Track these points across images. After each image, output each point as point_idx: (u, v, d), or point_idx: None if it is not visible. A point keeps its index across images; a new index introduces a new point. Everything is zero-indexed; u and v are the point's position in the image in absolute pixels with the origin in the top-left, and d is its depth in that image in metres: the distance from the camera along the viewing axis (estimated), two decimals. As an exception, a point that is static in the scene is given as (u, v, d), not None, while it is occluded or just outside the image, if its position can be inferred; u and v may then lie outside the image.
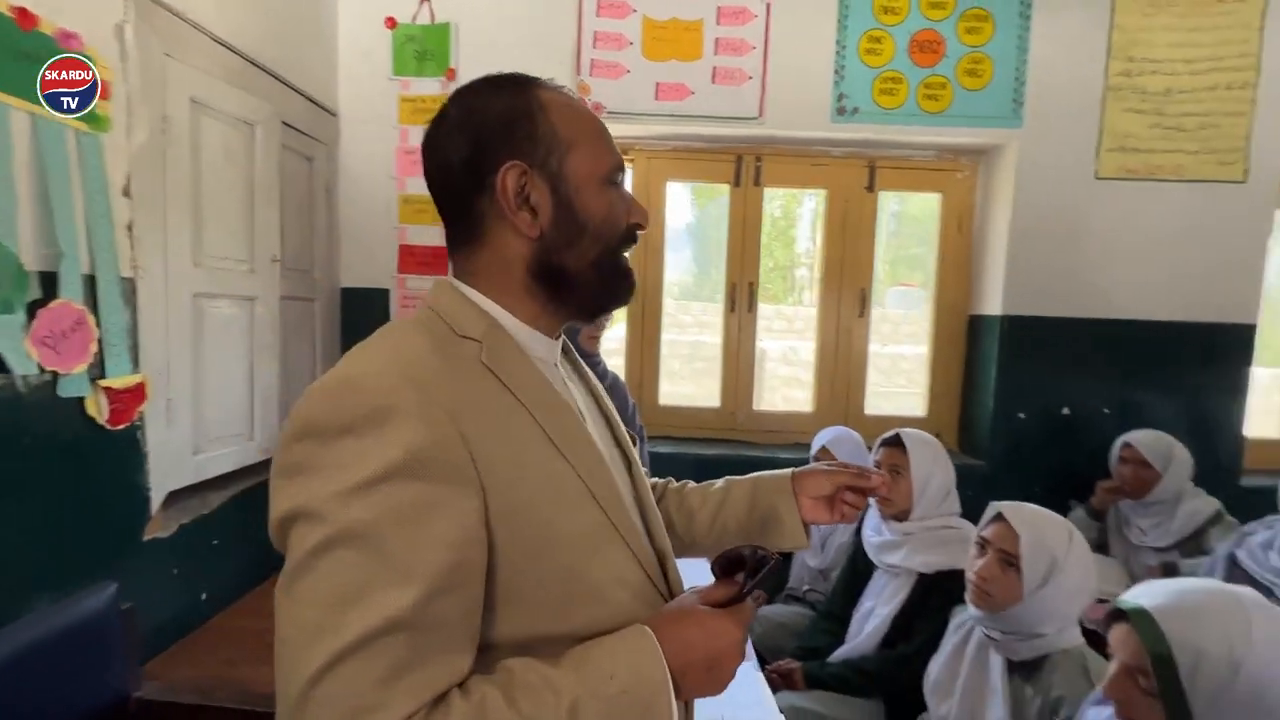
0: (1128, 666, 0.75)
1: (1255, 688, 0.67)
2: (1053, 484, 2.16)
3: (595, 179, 0.60)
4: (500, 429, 0.53)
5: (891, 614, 1.52)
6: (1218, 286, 2.10)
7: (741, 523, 0.79)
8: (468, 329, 0.57)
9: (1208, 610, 0.72)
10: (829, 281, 2.34)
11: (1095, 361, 2.15)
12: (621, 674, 0.49)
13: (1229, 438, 2.17)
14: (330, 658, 0.42)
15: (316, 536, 0.45)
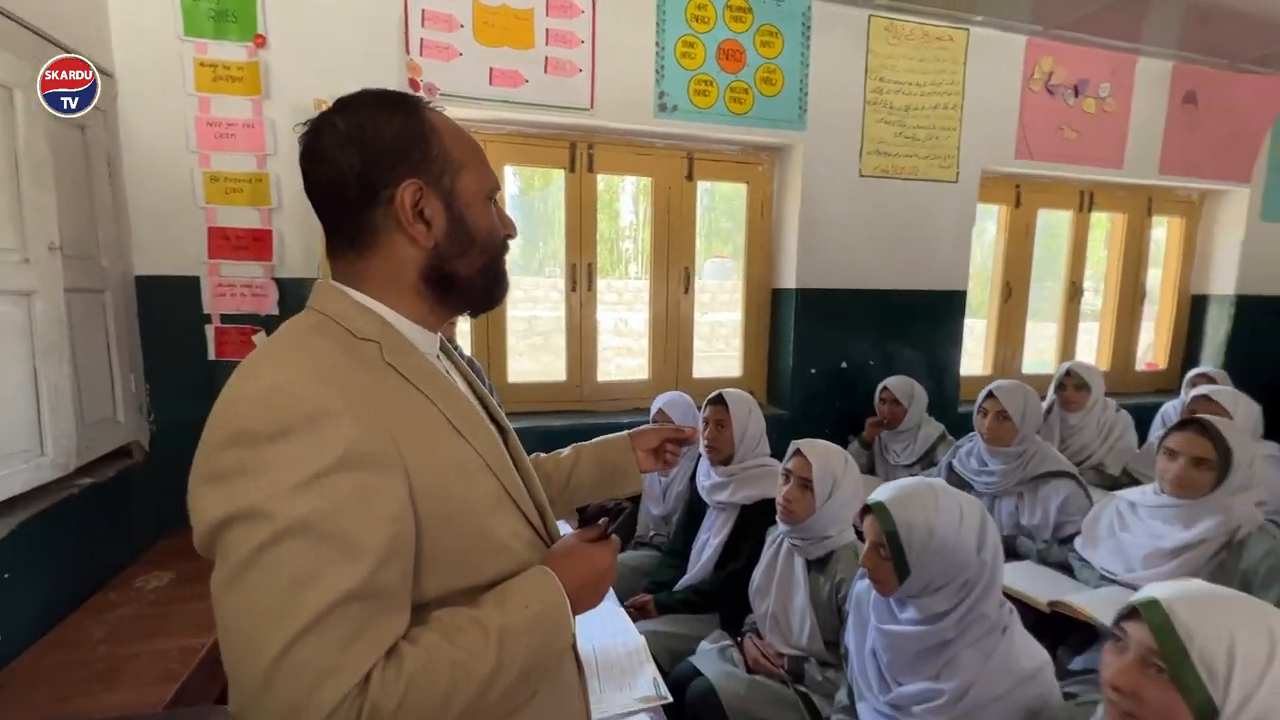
0: (874, 543, 1.07)
1: (941, 542, 1.03)
2: (838, 424, 2.68)
3: (481, 196, 0.69)
4: (411, 419, 0.61)
5: (721, 542, 1.83)
6: (940, 262, 2.74)
7: (594, 477, 0.96)
8: (364, 331, 0.63)
9: (913, 495, 1.07)
10: (657, 261, 2.59)
11: (864, 324, 2.69)
12: (533, 603, 0.63)
13: (950, 377, 2.87)
14: (294, 634, 0.49)
15: (264, 533, 0.50)
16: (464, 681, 0.55)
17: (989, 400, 1.97)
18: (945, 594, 1.04)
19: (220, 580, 0.52)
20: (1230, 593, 0.73)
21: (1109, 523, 1.66)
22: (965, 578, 1.04)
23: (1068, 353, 3.26)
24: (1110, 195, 3.19)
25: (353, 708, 0.50)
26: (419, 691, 0.53)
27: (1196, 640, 0.67)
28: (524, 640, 0.60)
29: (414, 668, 0.53)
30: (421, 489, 0.59)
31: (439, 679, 0.54)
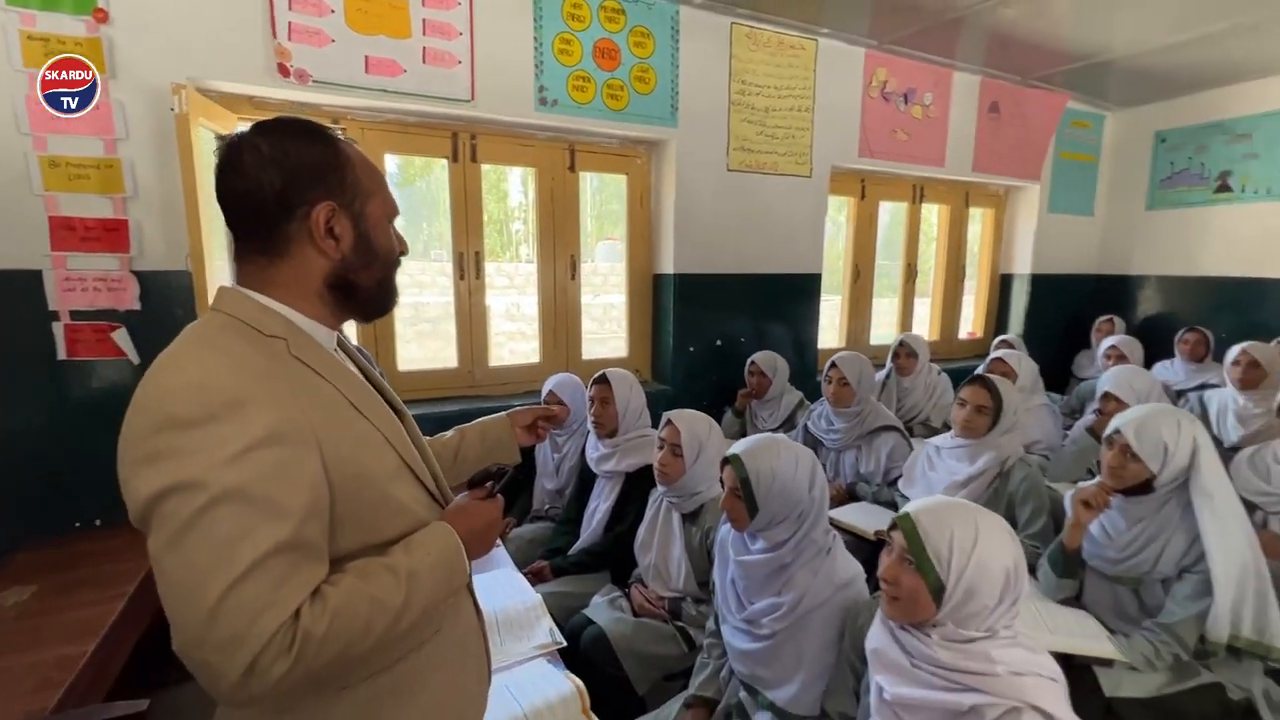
0: (731, 488, 1.30)
1: (782, 484, 1.27)
2: (715, 396, 2.96)
3: (384, 219, 0.80)
4: (320, 402, 0.72)
5: (610, 507, 2.01)
6: (798, 248, 3.08)
7: (477, 452, 1.10)
8: (271, 329, 0.72)
9: (761, 448, 1.30)
10: (544, 248, 2.70)
11: (735, 305, 2.97)
12: (433, 550, 0.76)
13: (809, 349, 3.24)
14: (233, 580, 0.59)
15: (200, 500, 0.60)
16: (379, 614, 0.68)
17: (833, 370, 2.31)
18: (785, 525, 1.29)
19: (161, 543, 0.61)
20: (955, 501, 1.01)
21: (921, 464, 2.04)
22: (800, 511, 1.29)
23: (905, 325, 3.78)
24: (936, 189, 3.71)
25: (287, 635, 0.61)
26: (342, 621, 0.65)
27: (930, 538, 0.94)
28: (427, 580, 0.73)
29: (337, 603, 0.65)
30: (332, 460, 0.69)
31: (358, 611, 0.66)
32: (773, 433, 2.64)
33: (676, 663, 1.59)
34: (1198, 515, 1.40)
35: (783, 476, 1.27)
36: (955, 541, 0.93)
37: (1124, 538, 1.50)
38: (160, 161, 1.84)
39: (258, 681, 0.60)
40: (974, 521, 0.95)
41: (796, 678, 1.22)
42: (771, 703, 1.24)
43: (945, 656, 0.94)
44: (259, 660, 0.60)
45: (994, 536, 0.96)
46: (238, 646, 0.59)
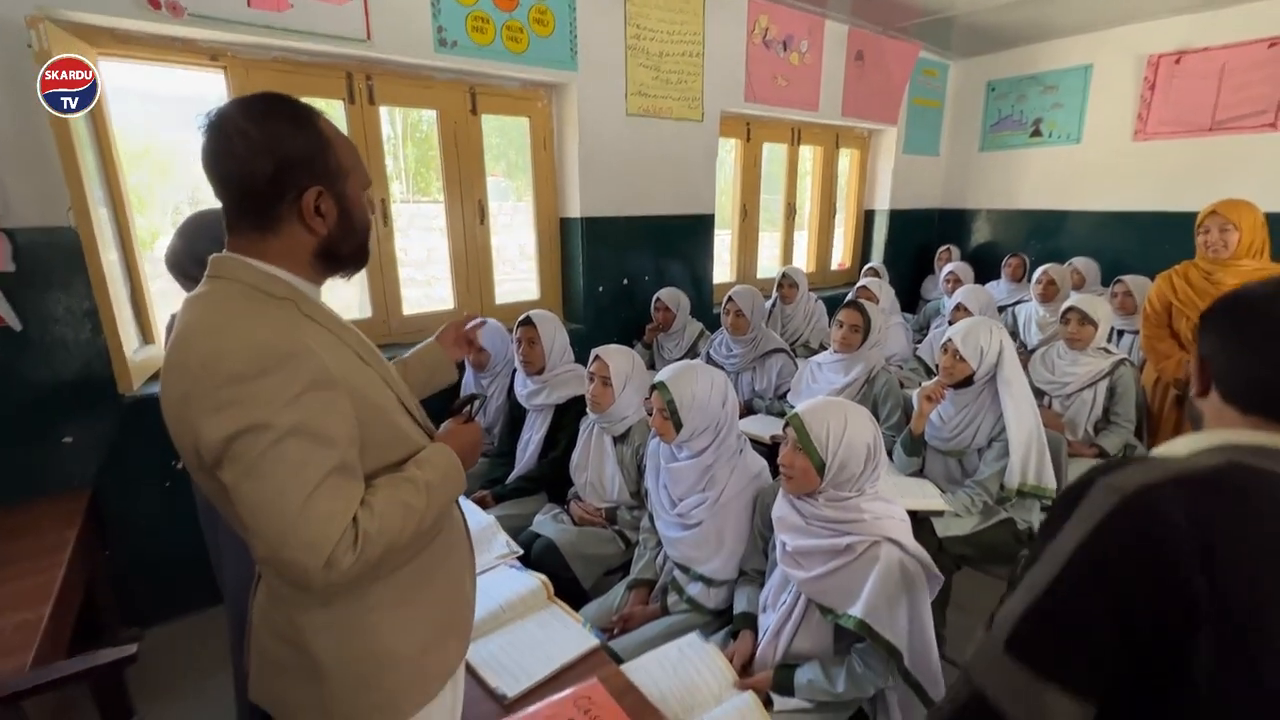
0: (658, 409, 1.55)
1: (700, 403, 1.54)
2: (625, 331, 3.19)
3: (360, 193, 0.88)
4: (336, 352, 0.82)
5: (542, 437, 2.21)
6: (693, 190, 3.30)
7: (420, 377, 1.24)
8: (279, 293, 0.81)
9: (682, 374, 1.55)
10: (450, 193, 2.71)
11: (638, 246, 3.17)
12: (439, 464, 0.90)
13: (706, 284, 3.54)
14: (305, 496, 0.73)
15: (270, 437, 0.72)
16: (410, 515, 0.83)
17: (729, 303, 2.61)
18: (705, 435, 1.56)
19: (239, 474, 0.73)
20: (829, 400, 1.32)
21: (805, 379, 2.42)
22: (717, 423, 1.57)
23: (787, 259, 4.19)
24: (811, 132, 4.06)
25: (350, 534, 0.76)
26: (386, 521, 0.80)
27: (813, 428, 1.25)
28: (440, 488, 0.89)
29: (381, 508, 0.80)
30: (357, 399, 0.82)
31: (396, 513, 0.81)
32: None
33: (616, 559, 1.87)
34: (1001, 399, 1.86)
35: (700, 397, 1.54)
36: (830, 429, 1.24)
37: (952, 421, 1.95)
38: (17, 105, 1.67)
39: (334, 571, 0.75)
40: (843, 413, 1.27)
41: (721, 553, 1.53)
42: (701, 575, 1.55)
43: (829, 512, 1.27)
44: (334, 555, 0.74)
45: (857, 422, 1.28)
46: (317, 546, 0.73)
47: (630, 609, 1.61)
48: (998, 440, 1.86)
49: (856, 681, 1.21)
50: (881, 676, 1.21)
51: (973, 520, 1.82)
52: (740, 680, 1.26)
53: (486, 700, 1.16)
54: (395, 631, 0.89)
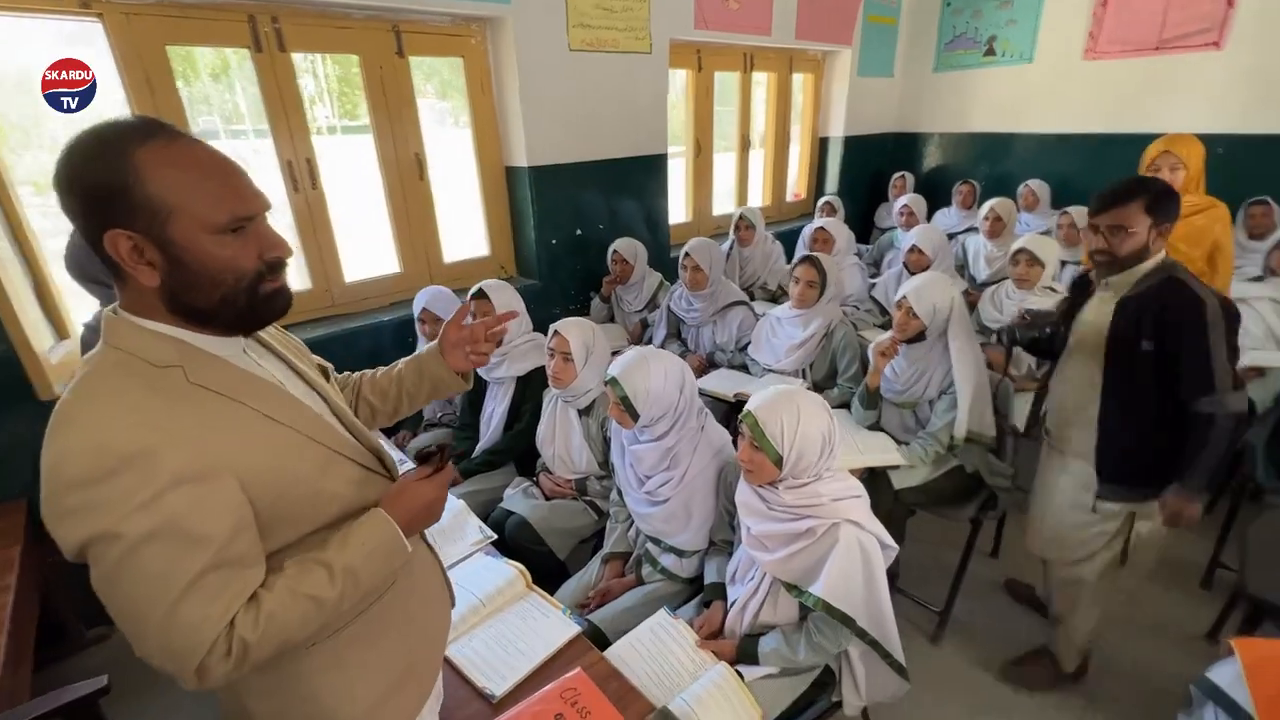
0: (613, 403, 1.54)
1: (655, 394, 1.52)
2: (580, 285, 3.11)
3: (206, 234, 0.68)
4: (229, 425, 0.71)
5: (505, 410, 2.18)
6: (644, 128, 3.14)
7: (418, 388, 1.09)
8: (163, 359, 0.69)
9: (634, 368, 1.51)
10: (383, 149, 2.50)
11: (591, 192, 3.03)
12: (368, 540, 0.79)
13: (662, 229, 3.45)
14: (169, 604, 0.65)
15: (121, 547, 0.64)
16: (314, 608, 0.74)
17: (687, 259, 2.55)
18: (664, 421, 1.57)
19: (99, 580, 0.66)
20: (781, 392, 1.32)
21: (766, 332, 2.44)
22: (675, 409, 1.58)
23: (743, 196, 4.10)
24: (765, 57, 3.86)
25: (224, 643, 0.68)
26: (277, 622, 0.71)
27: (768, 426, 1.26)
28: (364, 570, 0.78)
29: (270, 607, 0.71)
30: (252, 478, 0.71)
31: (292, 610, 0.72)
32: (645, 316, 2.90)
33: (589, 529, 1.92)
34: (951, 353, 1.92)
35: (655, 388, 1.53)
36: (784, 425, 1.26)
37: (906, 375, 2.01)
38: None
39: (209, 679, 0.69)
40: (795, 405, 1.28)
41: (690, 526, 1.58)
42: (672, 546, 1.61)
43: (789, 499, 1.31)
44: (204, 664, 0.68)
45: (810, 411, 1.30)
46: (185, 656, 0.67)
47: (607, 583, 1.67)
48: (947, 393, 1.94)
49: (815, 648, 1.30)
50: (836, 642, 1.30)
51: (926, 470, 1.92)
52: (702, 642, 1.34)
53: (475, 700, 1.20)
54: (338, 694, 0.84)
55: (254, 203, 0.73)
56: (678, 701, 1.19)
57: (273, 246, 0.74)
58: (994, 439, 1.96)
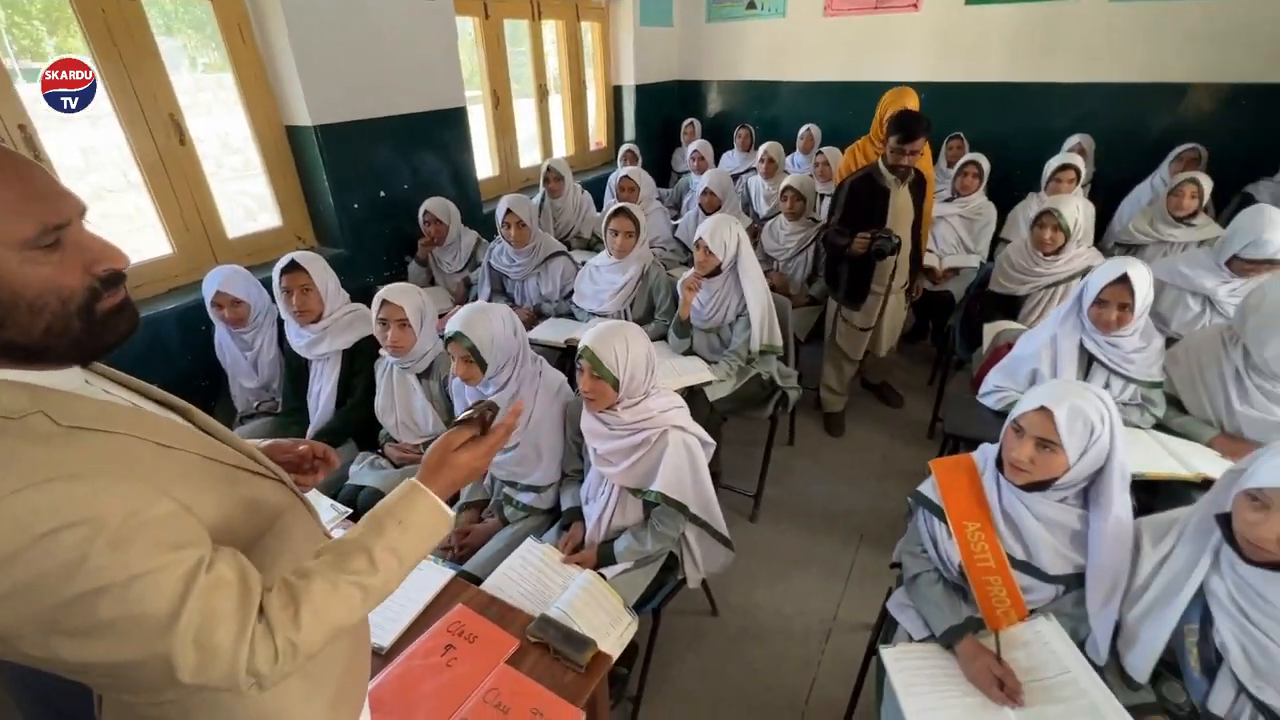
0: (462, 357, 1.62)
1: (498, 342, 1.64)
2: (392, 249, 2.99)
3: (11, 253, 0.57)
4: (125, 461, 0.61)
5: (334, 386, 2.11)
6: (438, 80, 3.03)
7: None
8: (17, 408, 0.57)
9: (475, 320, 1.60)
10: (124, 112, 2.14)
11: (390, 151, 2.88)
12: (406, 516, 0.77)
13: (471, 184, 3.40)
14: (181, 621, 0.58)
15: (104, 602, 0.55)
16: (359, 596, 0.71)
17: (509, 215, 2.60)
18: (507, 369, 1.69)
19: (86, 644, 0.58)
20: (609, 326, 1.52)
21: (587, 279, 2.62)
22: (515, 353, 1.70)
23: (547, 146, 4.15)
24: (551, 5, 3.87)
25: (267, 647, 0.63)
26: (320, 617, 0.67)
27: (604, 357, 1.46)
28: (406, 548, 0.76)
29: (313, 604, 0.67)
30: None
31: (335, 602, 0.68)
32: (466, 275, 2.91)
33: (444, 487, 1.99)
34: (741, 282, 2.27)
35: (498, 336, 1.64)
36: (617, 353, 1.47)
37: (709, 304, 2.34)
38: None
39: (266, 682, 0.65)
40: (623, 335, 1.49)
41: (542, 464, 1.74)
42: (529, 485, 1.76)
43: (627, 417, 1.53)
44: (253, 670, 0.63)
45: (635, 339, 1.52)
46: (223, 671, 0.61)
47: (465, 526, 1.78)
48: (742, 315, 2.30)
49: (659, 537, 1.57)
50: (676, 528, 1.58)
51: (732, 382, 2.29)
52: (567, 558, 1.54)
53: (364, 655, 1.27)
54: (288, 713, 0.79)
55: (65, 206, 0.60)
56: (554, 609, 1.37)
57: (101, 257, 0.62)
58: (782, 349, 2.38)
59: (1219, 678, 1.09)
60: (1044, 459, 1.19)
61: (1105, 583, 1.18)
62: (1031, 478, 1.21)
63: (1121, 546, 1.19)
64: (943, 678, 1.20)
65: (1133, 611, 1.16)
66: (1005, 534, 1.27)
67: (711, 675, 1.89)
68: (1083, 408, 1.17)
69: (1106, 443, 1.18)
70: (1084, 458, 1.18)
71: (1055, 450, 1.18)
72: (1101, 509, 1.20)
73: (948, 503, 1.34)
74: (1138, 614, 1.15)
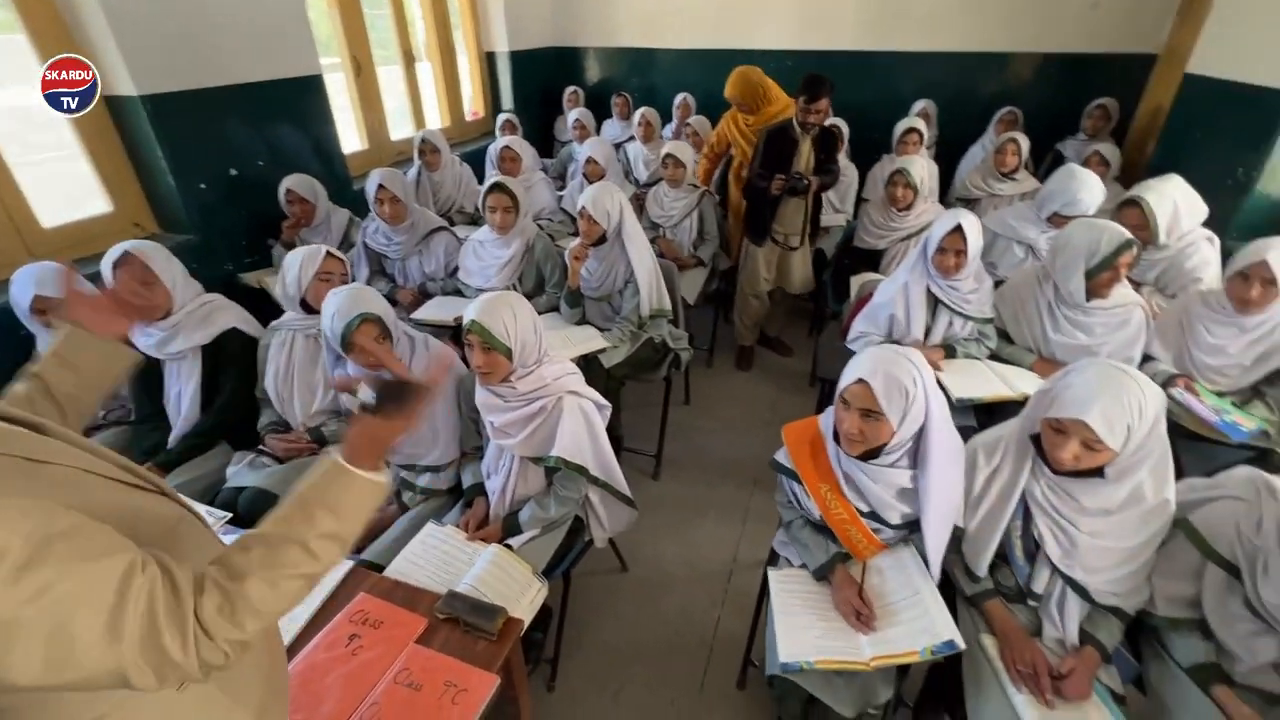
0: (375, 338, 1.56)
1: (391, 317, 1.58)
2: (253, 232, 2.74)
3: None
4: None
5: (197, 386, 1.93)
6: (288, 45, 2.76)
7: (78, 380, 0.88)
8: None
9: (363, 300, 1.56)
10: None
11: (238, 124, 2.61)
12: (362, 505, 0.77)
13: (336, 158, 3.15)
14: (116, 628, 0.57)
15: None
16: (302, 585, 0.71)
17: (382, 191, 2.46)
18: (399, 345, 1.64)
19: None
20: (495, 296, 1.51)
21: (472, 254, 2.55)
22: (400, 334, 1.65)
23: (419, 117, 3.93)
24: (410, -38, 3.63)
25: (214, 653, 0.63)
26: (263, 614, 0.67)
27: (493, 327, 1.45)
28: (346, 528, 0.75)
29: (251, 606, 0.65)
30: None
31: (276, 596, 0.68)
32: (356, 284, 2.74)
33: (336, 479, 1.90)
34: (627, 248, 2.32)
35: (388, 312, 1.59)
36: (505, 323, 1.47)
37: (598, 273, 2.37)
38: None
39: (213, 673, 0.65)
40: (509, 304, 1.49)
41: (439, 444, 1.72)
42: (427, 466, 1.73)
43: (522, 387, 1.54)
44: (205, 663, 0.63)
45: (521, 307, 1.52)
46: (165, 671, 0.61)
47: (365, 516, 1.73)
48: (630, 282, 2.35)
49: (562, 501, 1.61)
50: (578, 491, 1.63)
51: (626, 348, 2.34)
52: (471, 535, 1.55)
53: (260, 658, 1.22)
54: None
55: None
56: (461, 586, 1.38)
57: None
58: (672, 312, 2.47)
59: (1038, 562, 1.31)
60: (871, 427, 1.25)
61: (936, 527, 1.29)
62: (864, 446, 1.28)
63: (947, 499, 1.30)
64: (815, 601, 1.37)
65: (973, 520, 1.35)
66: (851, 495, 1.38)
67: (625, 628, 1.98)
68: (896, 375, 1.22)
69: (922, 401, 1.24)
70: (905, 420, 1.24)
71: (879, 418, 1.24)
72: (928, 467, 1.27)
73: (800, 470, 1.42)
74: (977, 521, 1.35)
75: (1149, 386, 1.17)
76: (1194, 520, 1.24)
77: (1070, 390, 1.19)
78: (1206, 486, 1.29)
